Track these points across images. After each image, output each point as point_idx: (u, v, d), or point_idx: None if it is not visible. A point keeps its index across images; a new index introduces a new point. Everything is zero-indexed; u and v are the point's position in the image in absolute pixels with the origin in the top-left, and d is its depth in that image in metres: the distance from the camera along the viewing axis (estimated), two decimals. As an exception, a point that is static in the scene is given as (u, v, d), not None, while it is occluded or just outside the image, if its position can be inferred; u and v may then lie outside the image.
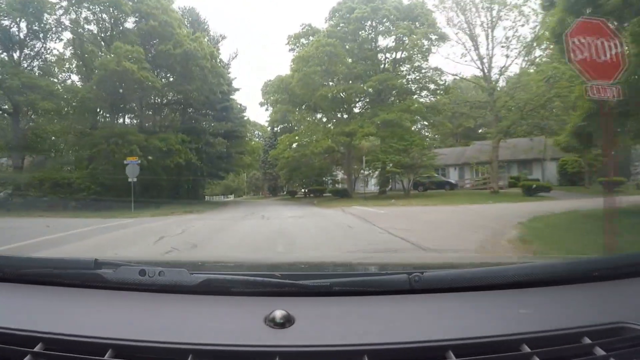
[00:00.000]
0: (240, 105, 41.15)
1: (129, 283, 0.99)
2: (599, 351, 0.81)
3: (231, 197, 71.86)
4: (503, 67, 29.10)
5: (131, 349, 0.81)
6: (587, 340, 0.83)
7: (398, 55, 34.59)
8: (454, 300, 0.96)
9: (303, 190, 47.82)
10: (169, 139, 24.26)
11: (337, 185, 47.01)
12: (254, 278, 0.97)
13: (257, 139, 57.81)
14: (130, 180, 21.21)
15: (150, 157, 23.19)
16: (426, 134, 38.59)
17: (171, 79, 28.12)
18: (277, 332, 0.83)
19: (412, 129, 33.71)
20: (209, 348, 0.79)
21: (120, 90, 24.60)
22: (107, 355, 0.79)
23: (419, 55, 34.26)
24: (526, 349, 0.80)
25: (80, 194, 23.64)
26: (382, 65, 34.20)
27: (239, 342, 0.80)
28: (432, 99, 33.91)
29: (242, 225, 12.55)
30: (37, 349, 0.81)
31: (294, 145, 37.59)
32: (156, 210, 22.17)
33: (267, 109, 40.73)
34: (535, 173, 41.85)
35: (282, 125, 52.08)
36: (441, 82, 32.98)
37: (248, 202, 43.57)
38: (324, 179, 45.90)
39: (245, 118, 41.57)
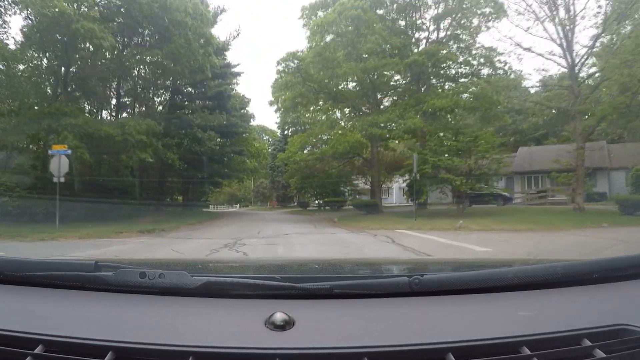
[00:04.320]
0: (243, 95, 33.80)
1: (129, 285, 0.96)
2: (599, 353, 0.80)
3: (236, 207, 64.95)
4: (596, 34, 21.09)
5: (131, 351, 0.79)
6: (587, 342, 0.82)
7: (441, 34, 27.18)
8: (454, 303, 0.95)
9: (317, 201, 40.23)
10: (127, 124, 16.75)
11: (357, 196, 39.18)
12: (254, 281, 0.95)
13: (265, 140, 50.46)
14: (55, 179, 13.82)
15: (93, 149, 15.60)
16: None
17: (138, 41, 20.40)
18: (277, 335, 0.81)
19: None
20: (209, 350, 0.78)
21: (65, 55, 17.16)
22: (107, 357, 0.78)
23: (465, 33, 26.84)
24: (526, 351, 0.79)
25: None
26: (422, 46, 26.68)
27: (239, 345, 0.79)
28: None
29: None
30: (37, 350, 0.80)
31: (307, 148, 30.08)
32: (96, 227, 14.65)
33: (277, 109, 33.50)
34: (600, 184, 34.67)
35: (293, 128, 45.98)
36: (500, 65, 25.19)
37: (250, 214, 35.94)
38: (341, 188, 38.23)
39: (250, 113, 34.16)
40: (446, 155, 19.36)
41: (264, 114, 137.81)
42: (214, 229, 16.83)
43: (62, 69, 20.35)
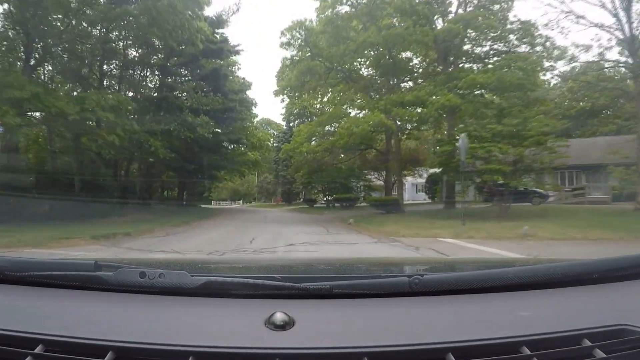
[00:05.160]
0: (244, 79, 30.23)
1: (129, 285, 0.95)
2: (599, 353, 0.79)
3: (238, 204, 61.55)
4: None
5: (131, 351, 0.79)
6: (587, 343, 0.81)
7: (469, 8, 23.45)
8: (454, 303, 0.94)
9: (325, 198, 36.74)
10: (89, 99, 13.16)
11: (369, 192, 35.55)
12: (255, 280, 0.94)
13: (270, 133, 46.85)
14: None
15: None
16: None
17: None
18: (277, 335, 0.81)
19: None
20: (209, 350, 0.78)
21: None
22: (107, 357, 0.77)
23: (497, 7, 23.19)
24: (526, 351, 0.79)
25: None
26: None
27: (239, 345, 0.79)
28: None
29: None
30: (37, 350, 0.79)
31: (315, 139, 26.53)
32: (41, 231, 11.16)
33: (282, 100, 30.37)
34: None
35: (299, 120, 42.99)
36: (540, 40, 21.33)
37: (251, 212, 32.48)
38: (354, 184, 34.68)
39: (251, 98, 30.54)
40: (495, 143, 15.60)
41: (269, 110, 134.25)
42: (196, 234, 13.26)
43: (33, 43, 16.96)
